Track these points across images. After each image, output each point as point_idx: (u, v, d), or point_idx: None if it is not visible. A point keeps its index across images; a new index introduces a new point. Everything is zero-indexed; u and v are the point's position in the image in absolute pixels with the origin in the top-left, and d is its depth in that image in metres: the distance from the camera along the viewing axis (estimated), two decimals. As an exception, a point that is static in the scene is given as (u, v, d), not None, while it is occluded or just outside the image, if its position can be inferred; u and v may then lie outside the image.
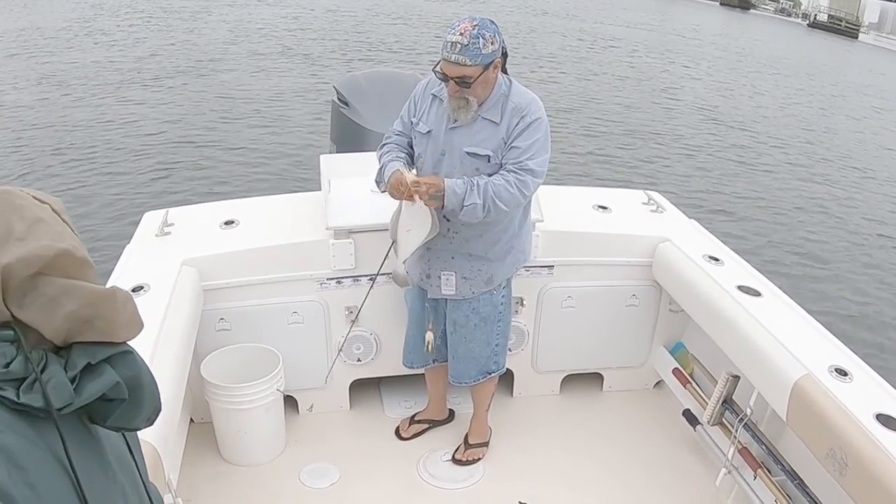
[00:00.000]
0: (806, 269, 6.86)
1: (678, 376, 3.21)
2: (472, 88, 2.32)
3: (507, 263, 2.67)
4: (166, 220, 3.01)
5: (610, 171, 8.83)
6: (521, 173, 2.40)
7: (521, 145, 2.40)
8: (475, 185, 2.37)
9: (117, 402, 0.78)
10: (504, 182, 2.38)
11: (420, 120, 2.53)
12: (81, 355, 0.76)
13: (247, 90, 11.46)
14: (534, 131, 2.41)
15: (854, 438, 2.03)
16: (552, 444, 3.12)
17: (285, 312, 2.97)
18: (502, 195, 2.38)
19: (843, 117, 15.06)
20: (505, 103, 2.41)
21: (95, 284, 0.79)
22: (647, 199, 3.47)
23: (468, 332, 2.76)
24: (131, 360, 0.80)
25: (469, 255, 2.58)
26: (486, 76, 2.33)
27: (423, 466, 2.95)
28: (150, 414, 0.85)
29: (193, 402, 3.00)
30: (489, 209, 2.39)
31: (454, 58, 2.26)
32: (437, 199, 2.38)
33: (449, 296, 2.68)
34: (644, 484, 2.91)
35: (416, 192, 2.36)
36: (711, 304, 2.77)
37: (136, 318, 0.82)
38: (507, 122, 2.41)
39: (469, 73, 2.28)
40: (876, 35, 39.57)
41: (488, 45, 2.27)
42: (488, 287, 2.67)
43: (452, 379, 2.90)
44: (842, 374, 2.29)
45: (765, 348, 2.45)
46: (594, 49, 19.85)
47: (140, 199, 6.85)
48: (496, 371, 2.91)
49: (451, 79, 2.30)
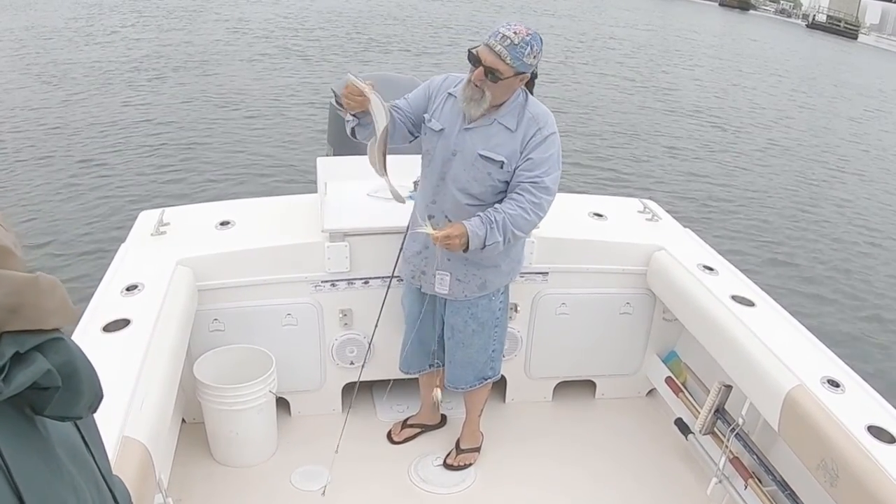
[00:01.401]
0: (800, 280, 6.87)
1: (671, 385, 3.21)
2: (496, 86, 2.30)
3: (503, 271, 2.67)
4: (162, 219, 3.00)
5: (605, 178, 8.85)
6: (535, 193, 2.39)
7: (536, 158, 2.39)
8: (494, 223, 2.37)
9: (52, 391, 0.76)
10: (520, 211, 2.38)
11: (432, 116, 2.50)
12: (9, 344, 0.73)
13: (245, 91, 11.46)
14: (550, 145, 2.41)
15: (845, 450, 2.03)
16: (544, 450, 3.12)
17: (279, 314, 2.96)
18: (520, 224, 2.40)
19: (844, 120, 15.09)
20: (522, 112, 2.41)
21: (19, 272, 0.76)
22: (643, 207, 3.49)
23: (466, 337, 2.76)
24: (63, 347, 0.77)
25: (465, 259, 2.58)
26: (511, 82, 2.32)
27: (415, 471, 2.95)
28: (92, 401, 0.82)
29: (186, 403, 2.99)
30: (509, 241, 2.42)
31: (498, 48, 2.24)
32: (462, 246, 2.37)
33: (442, 295, 2.67)
34: (635, 492, 2.91)
35: (447, 245, 2.36)
36: (705, 313, 2.78)
37: (66, 304, 0.79)
38: (523, 130, 2.40)
39: (503, 69, 2.26)
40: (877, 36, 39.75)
41: (530, 57, 2.28)
42: (482, 292, 2.66)
43: (449, 384, 2.90)
44: (834, 386, 2.30)
45: (757, 358, 2.46)
46: (592, 50, 19.92)
47: (136, 199, 6.83)
48: (492, 377, 2.91)
49: (484, 66, 2.28)
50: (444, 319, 2.78)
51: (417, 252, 2.66)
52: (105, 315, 2.37)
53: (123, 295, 2.51)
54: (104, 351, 2.15)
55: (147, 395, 2.04)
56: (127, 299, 2.48)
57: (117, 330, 2.29)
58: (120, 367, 2.08)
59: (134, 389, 2.01)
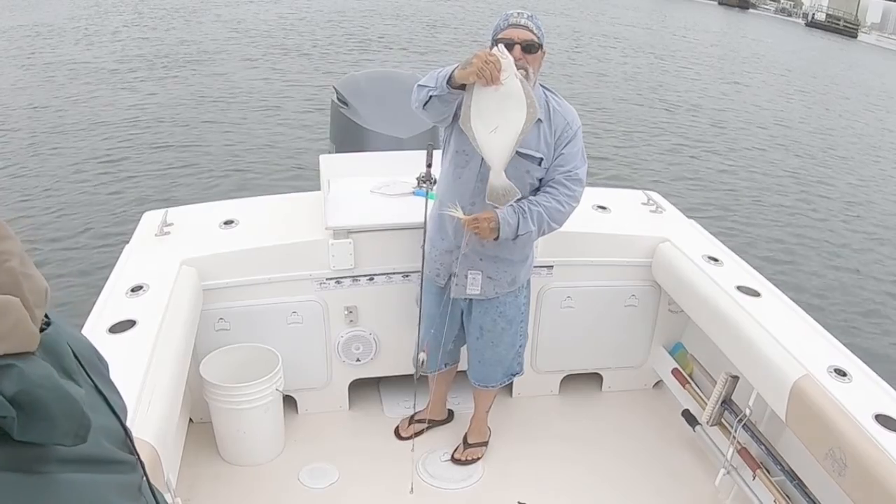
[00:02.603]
0: (805, 270, 6.86)
1: (677, 376, 3.21)
2: (534, 58, 2.30)
3: (528, 264, 2.70)
4: (166, 219, 3.01)
5: (609, 170, 8.83)
6: (570, 186, 2.42)
7: (568, 153, 2.42)
8: (527, 212, 2.37)
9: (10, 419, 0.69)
10: (555, 203, 2.40)
11: None
12: None
13: (247, 90, 11.46)
14: (578, 139, 2.45)
15: (853, 439, 2.03)
16: (551, 444, 3.12)
17: (284, 312, 2.97)
18: (555, 216, 2.42)
19: (845, 117, 15.05)
20: (546, 105, 2.40)
21: None
22: (647, 199, 3.48)
23: (495, 336, 2.75)
24: (16, 374, 0.70)
25: (496, 257, 2.57)
26: (540, 57, 2.35)
27: (423, 466, 2.95)
28: (74, 429, 0.74)
29: (193, 402, 3.00)
30: (544, 232, 2.44)
31: (523, 21, 2.28)
32: (493, 233, 2.37)
33: (474, 296, 2.65)
34: (642, 484, 2.91)
35: (477, 229, 2.34)
36: (711, 304, 2.77)
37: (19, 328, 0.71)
38: (553, 123, 2.40)
39: (535, 38, 2.29)
40: (878, 35, 39.55)
41: (541, 27, 2.34)
42: (511, 288, 2.66)
43: (477, 383, 2.89)
44: (841, 375, 2.29)
45: (764, 349, 2.45)
46: (591, 47, 19.85)
47: (139, 199, 6.85)
48: (519, 372, 2.93)
49: (518, 43, 2.27)
50: (471, 320, 2.75)
51: (447, 251, 2.62)
52: (110, 316, 2.37)
53: (129, 296, 2.51)
54: (110, 352, 2.14)
55: (154, 395, 2.04)
56: (132, 300, 2.49)
57: (123, 331, 2.30)
58: (126, 368, 2.08)
59: (141, 390, 2.01)
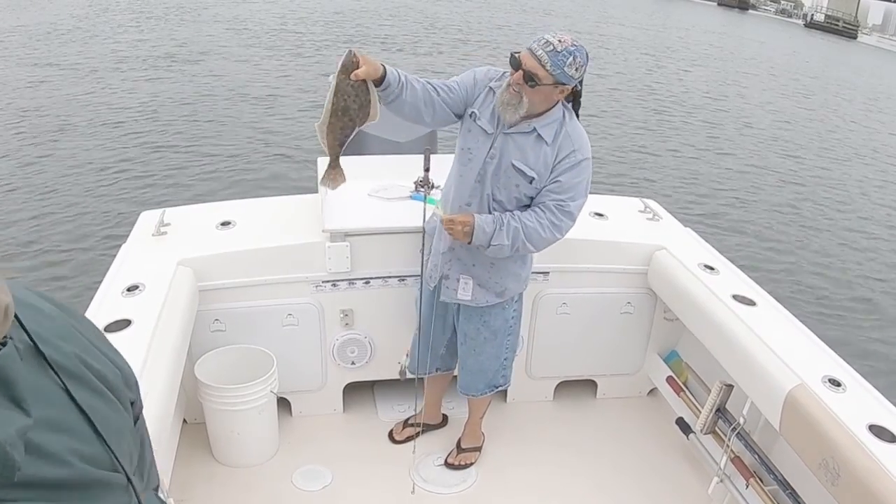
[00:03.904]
0: (801, 279, 6.87)
1: (672, 384, 3.21)
2: (534, 91, 2.27)
3: (522, 279, 2.68)
4: (163, 220, 3.00)
5: (606, 177, 8.84)
6: (558, 215, 2.37)
7: (565, 182, 2.36)
8: (504, 225, 2.36)
9: None
10: (537, 225, 2.36)
11: (482, 115, 2.42)
12: None
13: (245, 91, 11.45)
14: (582, 170, 2.37)
15: (847, 449, 2.03)
16: (545, 450, 3.12)
17: (280, 314, 2.96)
18: (533, 238, 2.38)
19: (844, 120, 15.08)
20: (560, 128, 2.37)
21: None
22: (644, 206, 3.48)
23: (478, 345, 2.75)
24: None
25: (491, 264, 2.57)
26: (550, 92, 2.29)
27: (416, 470, 2.95)
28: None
29: (187, 403, 2.99)
30: (518, 249, 2.41)
31: (539, 52, 2.22)
32: (466, 237, 2.38)
33: (464, 301, 2.65)
34: (636, 491, 2.91)
35: (451, 230, 2.38)
36: (706, 312, 2.78)
37: None
38: (558, 147, 2.36)
39: (542, 75, 2.23)
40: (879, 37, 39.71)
41: (572, 68, 2.24)
42: (499, 299, 2.65)
43: (461, 390, 2.90)
44: (835, 385, 2.30)
45: (759, 358, 2.46)
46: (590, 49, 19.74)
47: (137, 199, 6.84)
48: (503, 385, 2.91)
49: (523, 69, 2.25)
50: (459, 325, 2.77)
51: (443, 252, 2.62)
52: (106, 315, 2.37)
53: (124, 295, 2.51)
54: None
55: (148, 395, 2.03)
56: (128, 300, 2.48)
57: (118, 330, 2.29)
58: (121, 367, 2.07)
59: (135, 390, 2.00)
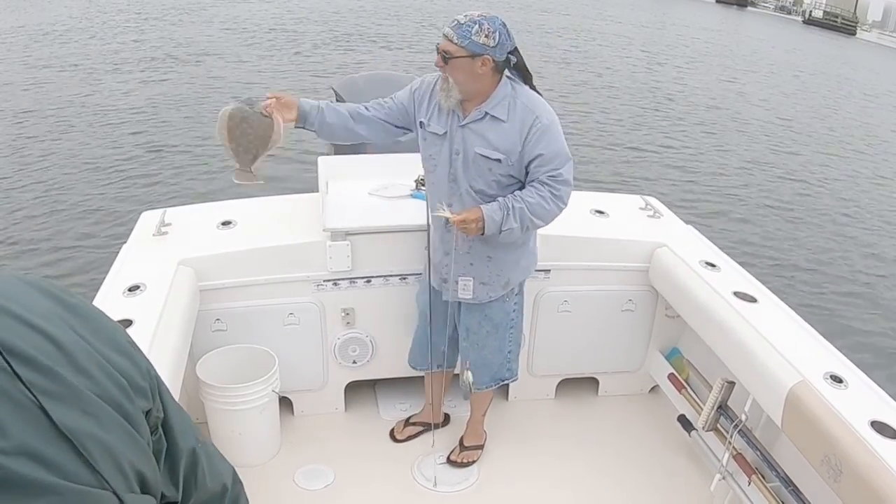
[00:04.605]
0: (802, 276, 6.86)
1: (673, 381, 3.21)
2: (451, 68, 2.31)
3: (522, 267, 2.68)
4: (163, 219, 3.00)
5: (607, 175, 8.84)
6: (556, 186, 2.38)
7: (546, 151, 2.36)
8: (510, 209, 2.37)
9: None
10: (539, 199, 2.37)
11: (430, 121, 2.48)
12: None
13: (246, 90, 11.45)
14: (554, 134, 2.38)
15: (849, 445, 2.03)
16: (547, 447, 3.12)
17: (281, 314, 2.96)
18: (539, 213, 2.39)
19: (844, 117, 15.05)
20: (513, 102, 2.38)
21: None
22: (645, 204, 3.48)
23: (480, 338, 2.75)
24: None
25: (488, 259, 2.57)
26: (471, 66, 2.30)
27: (418, 469, 2.95)
28: None
29: (188, 403, 2.99)
30: (528, 228, 2.42)
31: (447, 31, 2.31)
32: (479, 230, 2.39)
33: (466, 300, 2.66)
34: (638, 489, 2.91)
35: (464, 230, 2.39)
36: (707, 309, 2.78)
37: None
38: (519, 121, 2.37)
39: (451, 49, 2.29)
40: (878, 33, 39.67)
41: (482, 35, 2.26)
42: (504, 291, 2.66)
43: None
44: (837, 381, 2.29)
45: (760, 354, 2.45)
46: (590, 48, 19.86)
47: (137, 199, 6.83)
48: (509, 378, 2.91)
49: (438, 52, 2.33)
50: (460, 321, 2.77)
51: (440, 259, 2.65)
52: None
53: (125, 295, 2.51)
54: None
55: None
56: (129, 300, 2.48)
57: None
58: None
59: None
